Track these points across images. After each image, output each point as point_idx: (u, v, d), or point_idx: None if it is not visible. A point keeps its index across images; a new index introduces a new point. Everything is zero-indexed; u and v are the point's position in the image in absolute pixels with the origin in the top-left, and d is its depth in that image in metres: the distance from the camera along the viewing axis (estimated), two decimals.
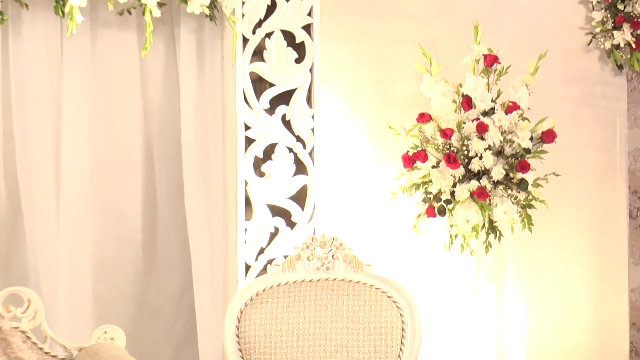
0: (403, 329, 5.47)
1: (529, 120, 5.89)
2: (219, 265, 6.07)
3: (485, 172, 5.80)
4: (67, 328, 5.75)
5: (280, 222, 6.07)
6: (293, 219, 6.09)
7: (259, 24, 6.03)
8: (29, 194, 5.77)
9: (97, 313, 5.87)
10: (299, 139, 6.10)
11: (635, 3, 6.58)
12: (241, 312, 5.50)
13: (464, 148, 5.82)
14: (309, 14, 6.09)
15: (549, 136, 5.91)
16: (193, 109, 6.02)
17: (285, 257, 5.72)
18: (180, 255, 6.12)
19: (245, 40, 6.00)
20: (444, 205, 5.84)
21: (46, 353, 5.31)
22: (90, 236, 5.91)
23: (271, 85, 6.07)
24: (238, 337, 5.48)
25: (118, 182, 5.99)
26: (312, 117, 6.10)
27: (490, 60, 5.94)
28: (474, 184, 5.76)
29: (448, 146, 5.85)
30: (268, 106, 6.05)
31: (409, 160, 5.93)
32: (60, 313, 5.77)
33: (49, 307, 5.67)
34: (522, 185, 5.82)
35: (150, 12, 5.68)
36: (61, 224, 5.82)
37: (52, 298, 5.75)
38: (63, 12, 5.60)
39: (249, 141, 6.03)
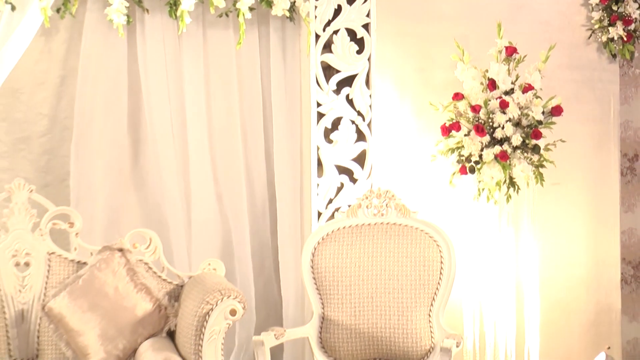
0: (441, 262, 5.48)
1: (541, 98, 5.85)
2: (297, 214, 6.11)
3: (506, 139, 5.77)
4: (183, 262, 5.83)
5: (344, 178, 6.08)
6: (355, 176, 6.10)
7: (328, 23, 6.03)
8: (155, 154, 5.84)
9: (206, 252, 5.89)
10: (359, 113, 6.09)
11: (627, 5, 6.53)
12: (315, 249, 5.54)
13: (490, 120, 5.80)
14: (367, 16, 6.08)
15: (557, 111, 5.87)
16: (279, 90, 6.04)
17: (349, 206, 5.75)
18: (269, 207, 6.14)
19: (317, 36, 6.01)
20: (474, 165, 5.82)
21: (164, 280, 5.39)
22: (205, 195, 5.95)
23: (337, 71, 6.07)
24: (312, 268, 5.53)
25: (225, 146, 6.00)
26: (370, 96, 6.10)
27: (510, 51, 5.90)
28: (497, 149, 5.75)
29: (477, 119, 5.84)
30: (335, 88, 6.06)
31: (446, 130, 5.92)
32: (179, 250, 5.85)
33: (171, 245, 5.79)
34: (536, 149, 5.79)
35: (243, 14, 5.73)
36: (183, 181, 5.90)
37: (175, 238, 5.85)
38: (175, 15, 5.65)
39: (320, 115, 6.04)
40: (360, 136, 6.11)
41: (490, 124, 5.80)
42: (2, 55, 5.32)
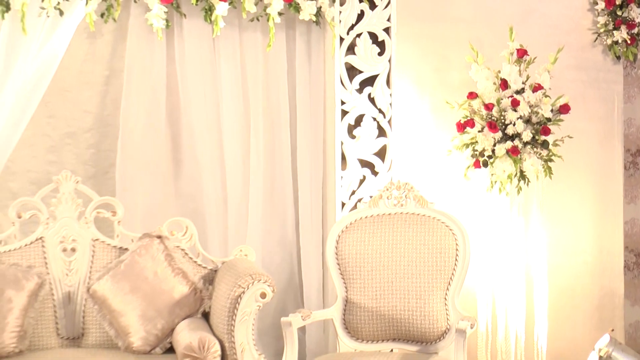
0: (457, 250, 5.47)
1: (549, 97, 5.86)
2: (318, 204, 6.13)
3: (517, 135, 5.79)
4: (217, 248, 5.87)
5: (366, 171, 6.09)
6: (376, 169, 6.11)
7: (352, 27, 6.04)
8: (192, 149, 5.88)
9: (239, 238, 5.94)
10: (380, 111, 6.10)
11: (631, 10, 6.54)
12: (338, 237, 5.55)
13: (502, 117, 5.82)
14: (388, 20, 6.09)
15: (564, 109, 5.87)
16: (304, 90, 6.07)
17: (371, 197, 5.74)
18: (294, 198, 6.15)
19: (341, 39, 6.03)
20: (487, 159, 5.82)
21: (199, 265, 5.43)
22: (238, 187, 5.97)
23: (360, 72, 6.08)
24: (336, 255, 5.53)
25: (255, 141, 6.01)
26: (390, 95, 6.10)
27: (521, 53, 5.91)
28: (509, 144, 5.77)
29: (490, 116, 5.85)
30: (358, 87, 6.07)
31: (461, 127, 5.93)
32: (213, 237, 5.89)
33: (206, 232, 5.83)
34: (545, 144, 5.80)
35: (273, 19, 5.76)
36: (219, 174, 5.93)
37: (210, 226, 5.88)
38: (210, 19, 5.69)
39: (343, 113, 6.05)
40: (381, 132, 6.12)
41: (502, 121, 5.82)
42: (45, 55, 5.41)
